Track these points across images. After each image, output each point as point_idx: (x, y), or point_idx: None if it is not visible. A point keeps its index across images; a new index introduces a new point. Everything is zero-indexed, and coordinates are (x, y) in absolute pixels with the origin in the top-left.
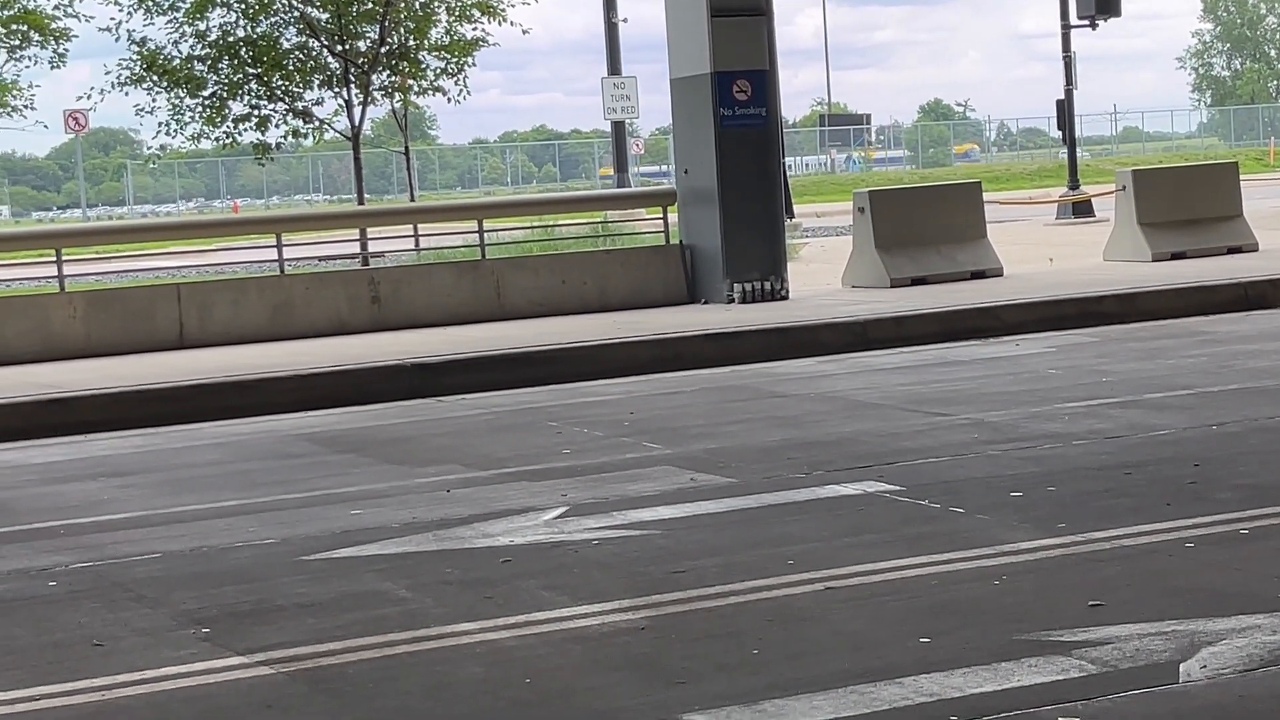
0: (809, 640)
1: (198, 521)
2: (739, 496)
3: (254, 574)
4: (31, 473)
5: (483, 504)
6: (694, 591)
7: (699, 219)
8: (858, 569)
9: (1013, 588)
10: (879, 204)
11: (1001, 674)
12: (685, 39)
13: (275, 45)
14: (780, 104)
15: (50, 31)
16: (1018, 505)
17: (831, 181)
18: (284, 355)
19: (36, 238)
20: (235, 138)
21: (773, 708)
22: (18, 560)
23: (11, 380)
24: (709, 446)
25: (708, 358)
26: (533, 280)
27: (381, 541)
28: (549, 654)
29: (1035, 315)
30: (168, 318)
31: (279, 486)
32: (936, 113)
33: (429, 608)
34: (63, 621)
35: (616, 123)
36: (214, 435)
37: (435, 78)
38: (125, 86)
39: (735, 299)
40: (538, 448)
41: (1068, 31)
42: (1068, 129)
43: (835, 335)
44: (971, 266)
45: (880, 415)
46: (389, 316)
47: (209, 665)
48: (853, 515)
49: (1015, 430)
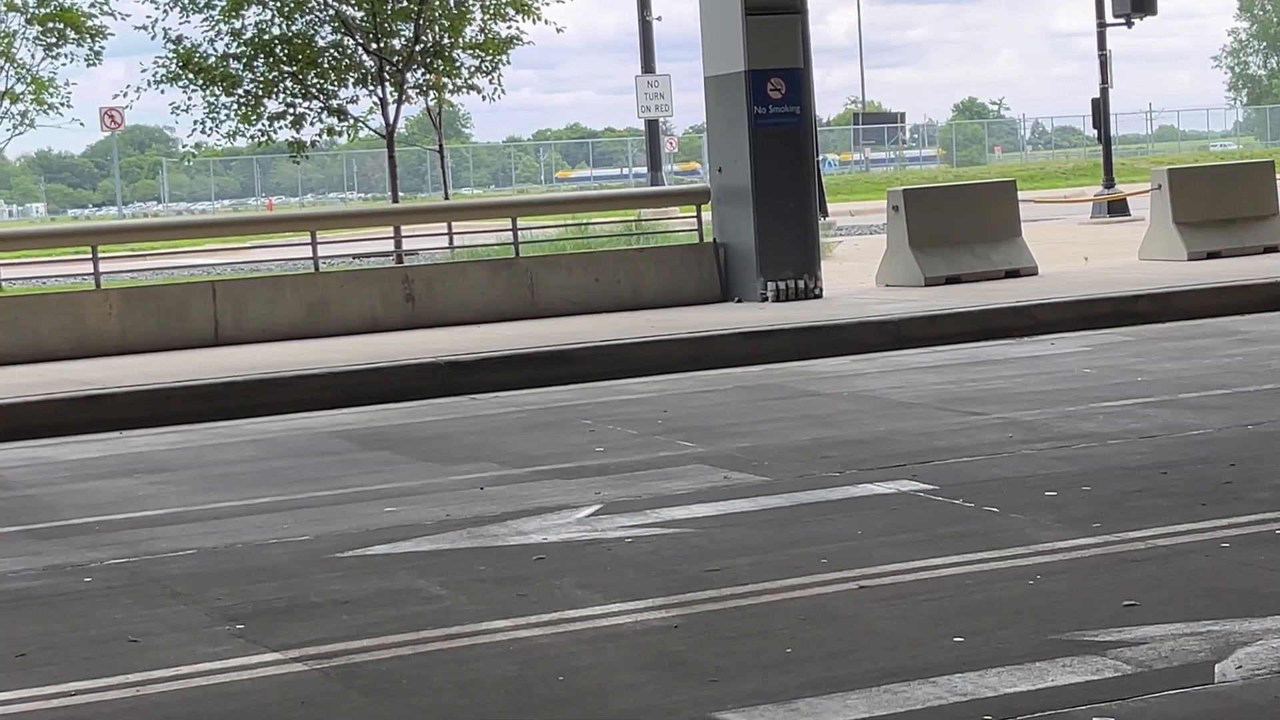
0: (843, 639)
1: (232, 518)
2: (772, 495)
3: (288, 571)
4: (67, 469)
5: (516, 502)
6: (727, 590)
7: (733, 217)
8: (891, 568)
9: (1047, 587)
10: (913, 202)
11: (1036, 674)
12: (720, 37)
13: (310, 43)
14: (814, 102)
15: (86, 29)
16: (1052, 505)
17: (865, 180)
18: (318, 353)
19: (72, 235)
20: (270, 136)
21: (806, 706)
22: (54, 556)
23: (47, 377)
24: (742, 445)
25: (741, 356)
26: (566, 278)
27: (415, 539)
28: (582, 652)
29: (1070, 314)
30: (203, 315)
31: (313, 484)
32: (971, 111)
33: (462, 605)
34: (98, 618)
35: (650, 121)
36: (248, 432)
37: (470, 76)
38: (161, 84)
39: (769, 297)
40: (571, 446)
41: (1103, 30)
42: (1103, 127)
43: (869, 334)
44: (1006, 265)
45: (914, 414)
46: (423, 314)
47: (243, 662)
48: (886, 514)
49: (1049, 430)
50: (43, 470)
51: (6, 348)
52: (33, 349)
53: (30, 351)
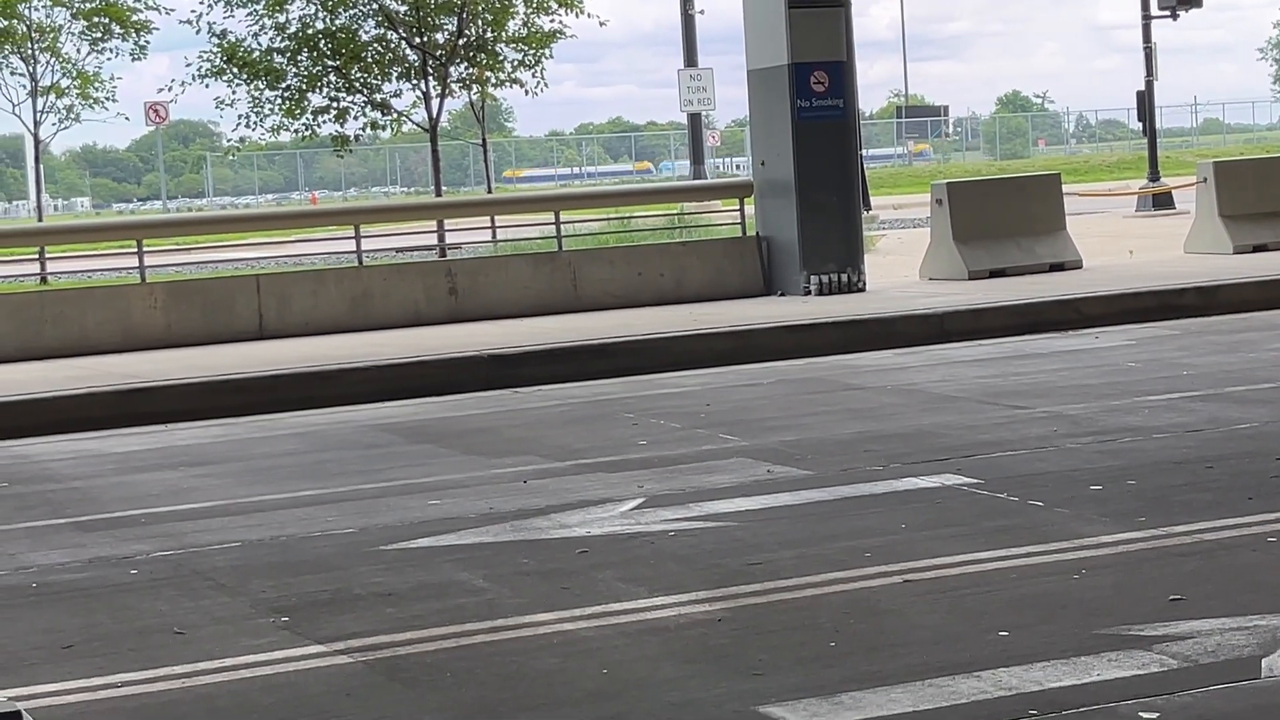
0: (886, 633)
1: (276, 511)
2: (816, 489)
3: (332, 563)
4: (113, 462)
5: (559, 495)
6: (770, 584)
7: (776, 210)
8: (936, 562)
9: (1092, 582)
10: (957, 196)
11: (1081, 668)
12: (763, 30)
13: (354, 38)
14: (857, 95)
15: (131, 24)
16: (1097, 499)
17: (908, 173)
18: (362, 346)
19: (118, 229)
20: (314, 130)
21: (850, 700)
22: (100, 548)
23: (93, 370)
24: (785, 438)
25: (784, 350)
26: (609, 272)
27: (459, 532)
28: (625, 645)
29: (1115, 308)
30: (247, 308)
31: (357, 476)
32: (1015, 104)
33: (505, 598)
34: (144, 609)
35: (693, 114)
36: (293, 425)
37: (513, 70)
38: (206, 79)
39: (812, 291)
40: (614, 439)
41: (1148, 22)
42: (1148, 120)
43: (912, 327)
44: (1050, 259)
45: (958, 408)
46: (466, 308)
47: (288, 654)
48: (930, 508)
49: (1094, 423)
50: (88, 463)
51: (53, 341)
52: (79, 342)
53: (76, 345)
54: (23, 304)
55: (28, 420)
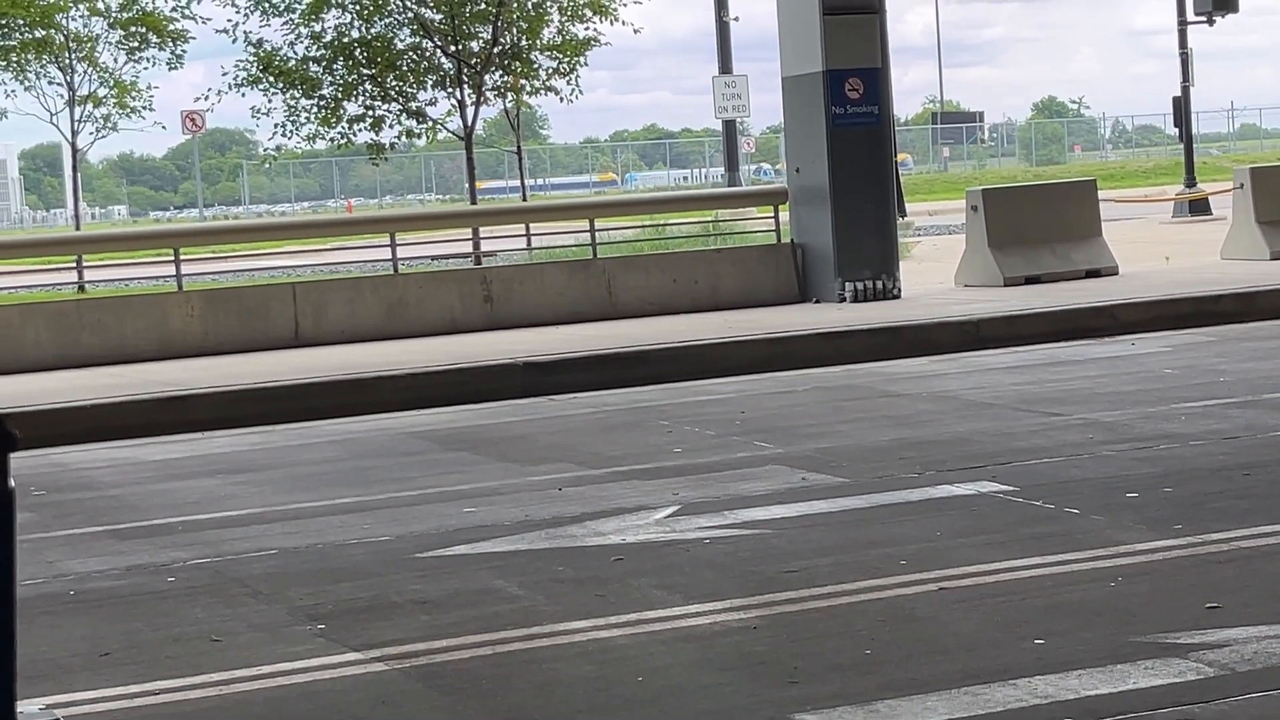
0: (922, 641)
1: (313, 518)
2: (851, 496)
3: (368, 571)
4: (150, 469)
5: (594, 502)
6: (806, 591)
7: (811, 217)
8: (971, 569)
9: (1129, 589)
10: (992, 202)
11: (1117, 676)
12: (797, 37)
13: (389, 46)
14: (892, 102)
15: (168, 33)
16: (1133, 506)
17: (944, 180)
18: (398, 354)
19: (155, 237)
20: (350, 138)
21: (886, 708)
22: (137, 556)
23: (131, 378)
24: (821, 446)
25: (819, 357)
26: (644, 279)
27: (494, 539)
28: (661, 653)
29: (1151, 314)
30: (283, 316)
31: (393, 484)
32: (1050, 110)
33: (541, 605)
34: (181, 616)
35: (728, 121)
36: (329, 433)
37: (547, 77)
38: (242, 87)
39: (847, 298)
40: (649, 446)
41: (1184, 28)
42: (1184, 126)
43: (948, 334)
44: (1086, 265)
45: (993, 415)
46: (501, 315)
47: (325, 661)
48: (966, 515)
49: (1131, 430)
50: (126, 471)
51: (91, 349)
52: (117, 350)
53: (114, 353)
54: (61, 312)
55: (66, 428)
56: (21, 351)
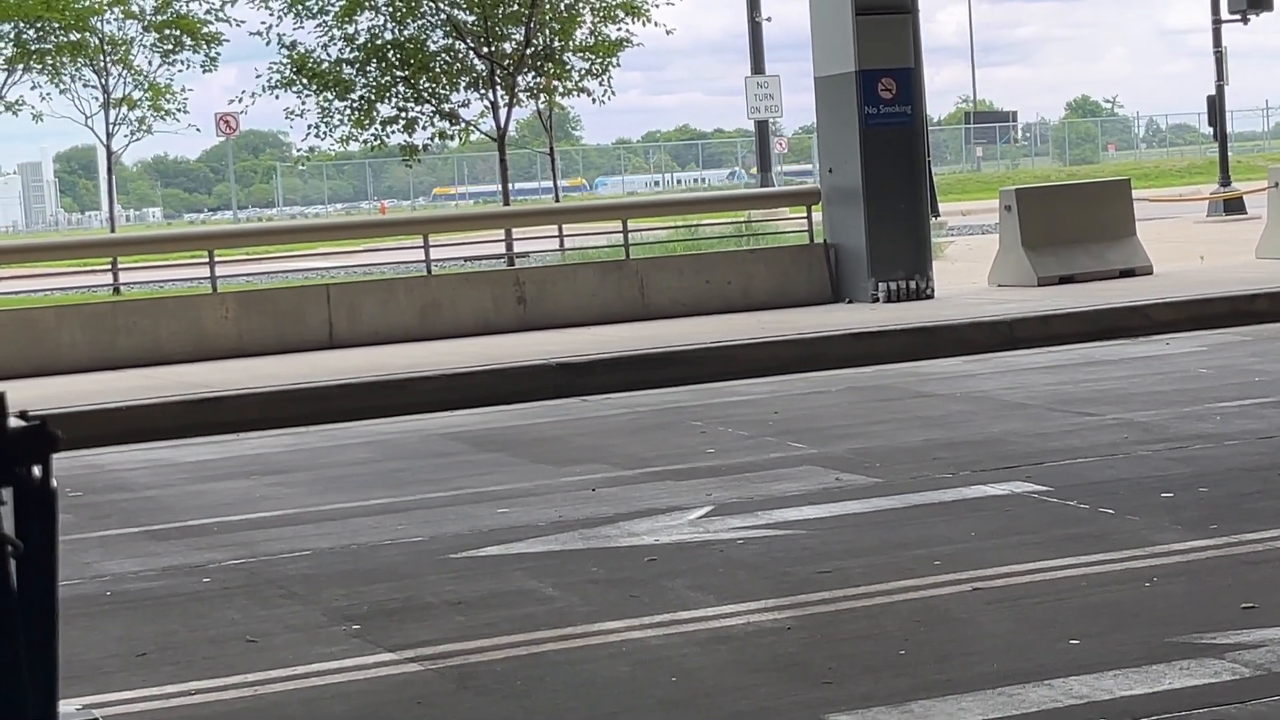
0: (956, 641)
1: (347, 519)
2: (884, 496)
3: (403, 572)
4: (185, 471)
5: (628, 503)
6: (840, 592)
7: (843, 218)
8: (1005, 570)
9: (1164, 590)
10: (1026, 202)
11: (1153, 676)
12: (830, 37)
13: (422, 48)
14: (925, 102)
15: (202, 36)
16: (1168, 506)
17: (977, 180)
18: (431, 355)
19: (190, 239)
20: (383, 140)
21: (920, 709)
22: (173, 557)
23: (165, 380)
24: (854, 446)
25: (852, 357)
26: (676, 280)
27: (528, 540)
28: (694, 653)
29: (1186, 314)
30: (317, 318)
31: (427, 485)
32: (1084, 109)
33: (575, 606)
34: (217, 617)
35: (760, 122)
36: (363, 434)
37: (580, 78)
38: (275, 89)
39: (880, 298)
40: (682, 447)
41: (1218, 26)
42: (1219, 125)
43: (981, 334)
44: (1120, 264)
45: (1027, 415)
46: (534, 316)
47: (359, 662)
48: (1000, 516)
49: (1165, 430)
50: (161, 472)
51: (126, 351)
52: (151, 352)
53: (149, 355)
54: (96, 314)
55: (101, 429)
56: (58, 353)
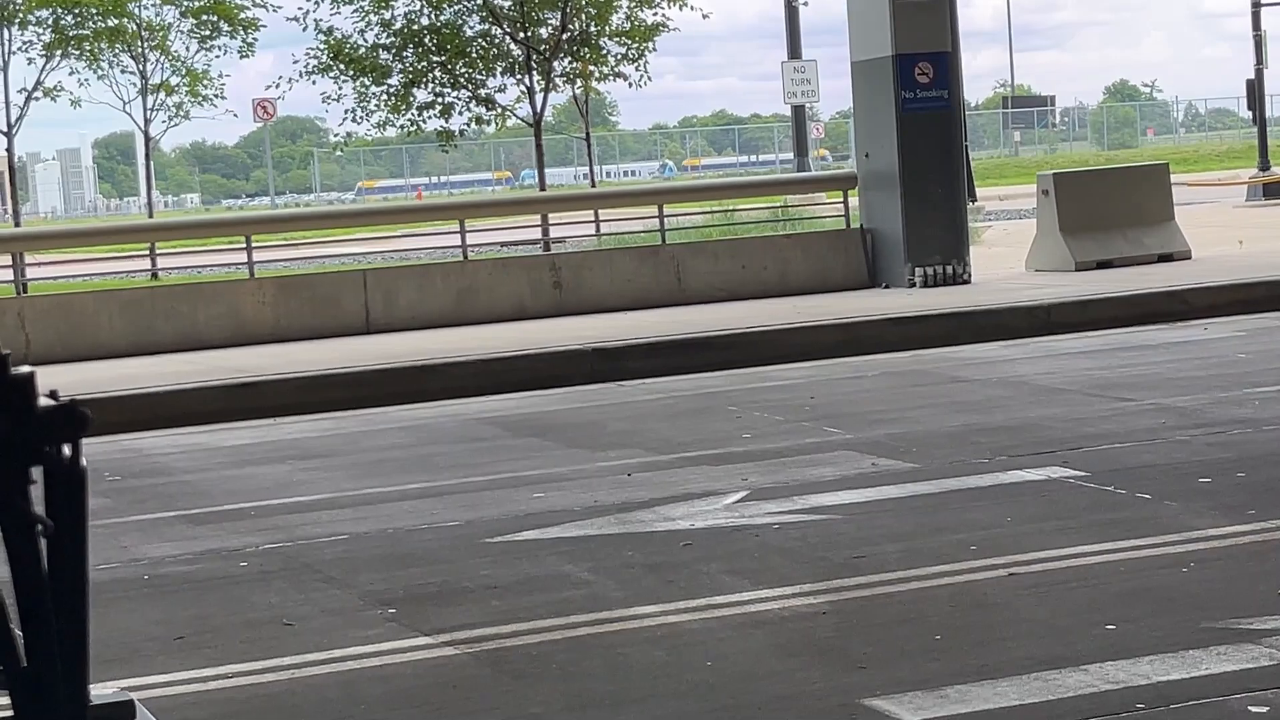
0: (992, 627)
1: (384, 504)
2: (921, 482)
3: (439, 556)
4: (223, 455)
5: (663, 488)
6: (876, 577)
7: (880, 203)
8: (1042, 555)
9: (1201, 575)
10: (1064, 186)
11: (1190, 662)
12: (867, 22)
13: (459, 33)
14: (962, 86)
15: (239, 21)
16: (1206, 491)
17: (1014, 164)
18: (467, 340)
19: (228, 225)
20: (419, 125)
21: (956, 694)
22: (211, 541)
23: (203, 365)
24: (890, 431)
25: (889, 342)
26: (713, 265)
27: (563, 525)
28: (730, 638)
29: (1224, 299)
30: (354, 303)
31: (463, 469)
32: (1122, 94)
33: (610, 590)
34: (254, 601)
35: (797, 107)
36: (399, 419)
37: (616, 63)
38: (313, 75)
39: (917, 283)
40: (718, 432)
41: (1258, 10)
42: (1258, 109)
43: (1018, 319)
44: (1158, 249)
45: (1065, 400)
46: (570, 301)
47: (395, 645)
48: (1037, 501)
49: (1203, 415)
50: (199, 457)
51: (165, 336)
52: (190, 337)
53: (187, 340)
54: (135, 299)
55: (140, 414)
56: (97, 338)
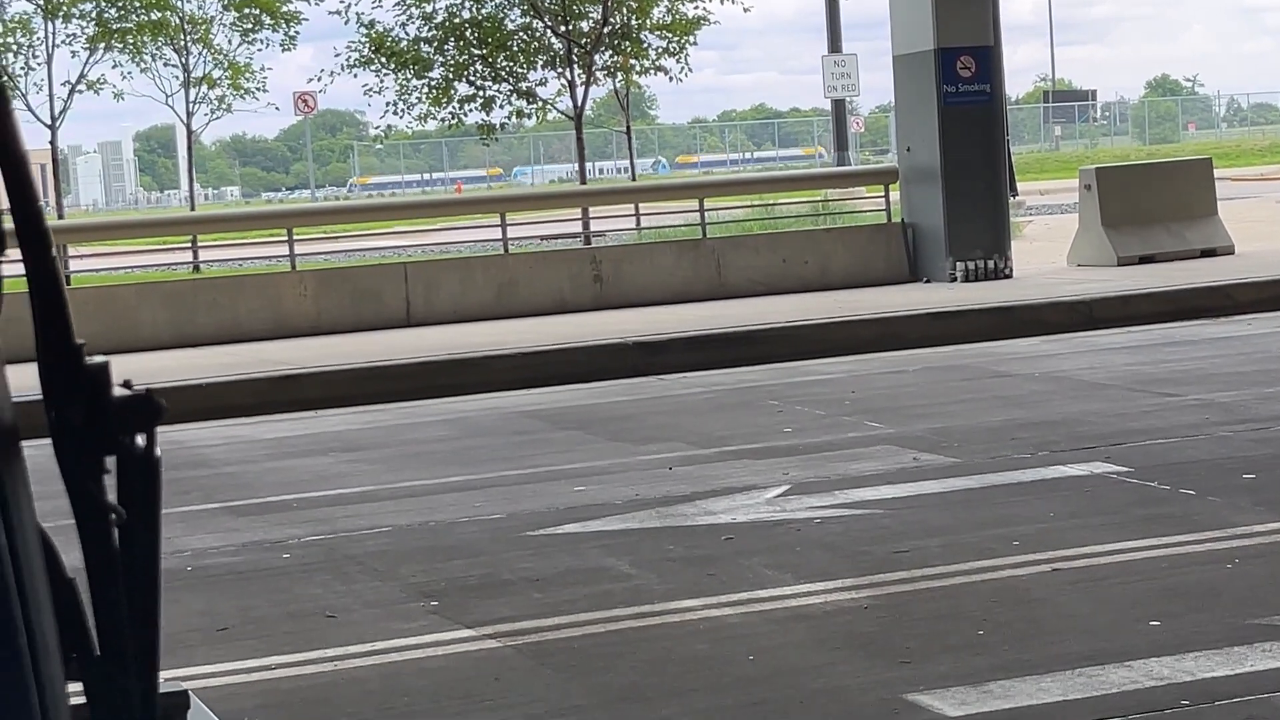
0: (1035, 622)
1: (425, 496)
2: (963, 476)
3: (480, 548)
4: (265, 448)
5: (704, 482)
6: (918, 571)
7: (921, 197)
8: (1085, 550)
9: (1245, 571)
10: (1106, 181)
11: (1234, 658)
12: (909, 16)
13: (500, 27)
14: (1004, 80)
15: (281, 15)
16: (1250, 488)
17: (1055, 159)
18: (508, 333)
19: (269, 218)
20: (460, 118)
21: (999, 689)
22: (253, 533)
23: (245, 357)
24: (932, 426)
25: (930, 337)
26: (753, 259)
27: (605, 518)
28: (772, 632)
29: (1268, 294)
30: (395, 296)
31: (504, 462)
32: (1164, 88)
33: (652, 584)
34: (297, 593)
35: (837, 101)
36: (440, 412)
37: (657, 57)
38: (354, 68)
39: (957, 277)
40: (759, 426)
41: None
42: None
43: (1060, 314)
44: (1201, 244)
45: (1107, 395)
46: (611, 295)
47: (437, 637)
48: (1080, 496)
49: (1247, 411)
50: (241, 449)
51: (206, 328)
52: (231, 330)
53: (229, 332)
54: (177, 292)
55: (182, 406)
56: (138, 331)
